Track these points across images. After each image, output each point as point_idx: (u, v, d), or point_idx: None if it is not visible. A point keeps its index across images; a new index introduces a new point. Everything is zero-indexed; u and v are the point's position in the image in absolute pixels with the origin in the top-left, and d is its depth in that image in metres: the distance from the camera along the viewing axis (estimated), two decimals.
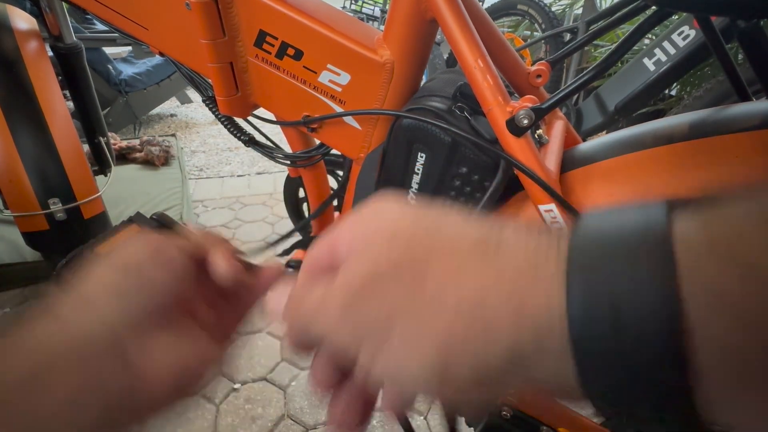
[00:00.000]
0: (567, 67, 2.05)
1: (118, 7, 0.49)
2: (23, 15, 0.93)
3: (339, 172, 0.78)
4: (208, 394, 1.08)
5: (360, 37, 0.43)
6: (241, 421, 1.02)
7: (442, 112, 0.40)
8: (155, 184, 1.80)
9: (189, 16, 0.43)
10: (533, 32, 2.50)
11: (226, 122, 0.57)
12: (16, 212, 0.88)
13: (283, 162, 0.58)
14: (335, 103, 0.45)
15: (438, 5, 0.38)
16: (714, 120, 0.40)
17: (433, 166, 0.42)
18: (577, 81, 0.43)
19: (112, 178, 1.08)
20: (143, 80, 2.55)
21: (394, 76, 0.43)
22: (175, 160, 2.02)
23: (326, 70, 0.43)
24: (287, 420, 1.03)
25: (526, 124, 0.37)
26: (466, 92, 0.41)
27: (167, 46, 0.49)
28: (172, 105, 3.21)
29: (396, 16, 0.41)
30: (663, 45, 1.30)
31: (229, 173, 2.26)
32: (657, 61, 1.31)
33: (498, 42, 0.49)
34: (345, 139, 0.48)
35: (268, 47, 0.44)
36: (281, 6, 0.42)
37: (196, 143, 2.65)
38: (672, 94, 1.99)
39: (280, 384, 1.12)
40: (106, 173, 1.11)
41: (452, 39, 0.38)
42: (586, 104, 1.54)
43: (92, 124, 1.07)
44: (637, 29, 0.43)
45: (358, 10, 4.30)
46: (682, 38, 1.26)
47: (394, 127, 0.43)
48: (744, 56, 0.41)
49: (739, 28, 0.39)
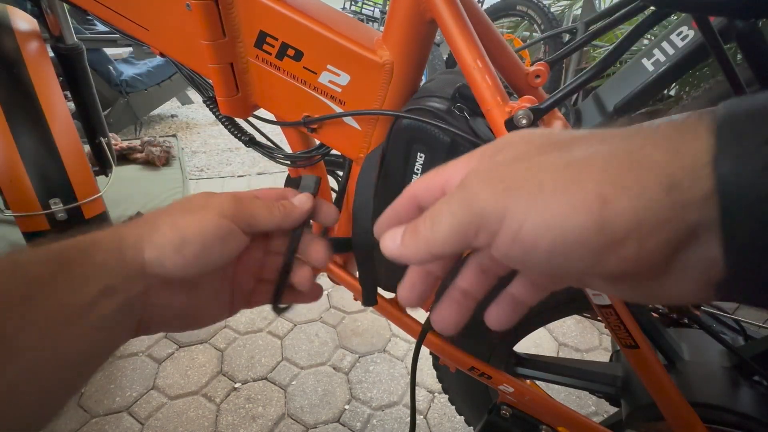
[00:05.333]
0: (566, 68, 2.06)
1: (118, 8, 0.49)
2: (24, 16, 0.93)
3: (339, 172, 0.78)
4: (208, 394, 1.08)
5: (360, 37, 0.43)
6: (241, 420, 1.02)
7: (442, 113, 0.40)
8: (156, 185, 1.80)
9: (189, 17, 0.43)
10: (532, 33, 2.50)
11: (226, 123, 0.57)
12: (16, 212, 0.88)
13: (284, 162, 0.58)
14: (335, 104, 0.45)
15: (437, 6, 0.38)
16: None
17: (432, 166, 0.42)
18: (576, 81, 0.43)
19: (113, 179, 1.08)
20: (144, 81, 2.55)
21: (393, 77, 0.43)
22: (176, 161, 2.02)
23: (326, 71, 0.44)
24: (287, 419, 1.03)
25: (524, 124, 0.37)
26: (465, 93, 0.41)
27: (168, 46, 0.50)
28: (173, 105, 3.22)
29: (395, 17, 0.41)
30: (662, 45, 1.30)
31: (230, 173, 2.26)
32: (656, 62, 1.31)
33: (497, 43, 0.49)
34: (345, 140, 0.48)
35: (269, 48, 0.44)
36: (281, 7, 0.42)
37: (197, 144, 2.65)
38: (671, 95, 1.99)
39: (280, 383, 1.12)
40: (107, 173, 1.11)
41: (451, 40, 0.39)
42: (585, 104, 1.54)
43: (93, 125, 1.07)
44: (636, 30, 0.43)
45: (357, 11, 4.30)
46: (681, 39, 1.26)
47: (394, 127, 0.43)
48: (742, 56, 0.41)
49: (737, 29, 0.39)
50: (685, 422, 0.47)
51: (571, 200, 0.15)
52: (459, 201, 0.18)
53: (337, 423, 1.03)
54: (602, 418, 0.71)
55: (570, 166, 0.16)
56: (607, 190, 0.14)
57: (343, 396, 1.09)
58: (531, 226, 0.15)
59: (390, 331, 1.28)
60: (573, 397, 1.11)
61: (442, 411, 1.07)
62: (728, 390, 0.52)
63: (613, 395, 0.62)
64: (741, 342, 0.62)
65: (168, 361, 1.16)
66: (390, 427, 1.03)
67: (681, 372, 0.55)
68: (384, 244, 0.21)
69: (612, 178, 0.15)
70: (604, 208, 0.14)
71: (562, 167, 0.16)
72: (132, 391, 1.07)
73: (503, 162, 0.18)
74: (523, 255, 0.16)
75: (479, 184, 0.17)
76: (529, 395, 0.59)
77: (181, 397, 1.07)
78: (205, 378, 1.12)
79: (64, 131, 0.91)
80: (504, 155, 0.19)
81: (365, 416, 1.05)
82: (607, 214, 0.14)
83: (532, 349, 1.25)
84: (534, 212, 0.15)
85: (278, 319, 1.31)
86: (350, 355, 1.21)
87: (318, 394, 1.09)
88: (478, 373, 0.58)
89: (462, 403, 0.81)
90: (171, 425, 0.99)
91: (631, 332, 0.44)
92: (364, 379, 1.14)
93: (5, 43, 0.86)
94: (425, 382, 1.13)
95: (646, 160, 0.14)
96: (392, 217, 0.23)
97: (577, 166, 0.16)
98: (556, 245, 0.15)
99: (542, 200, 0.15)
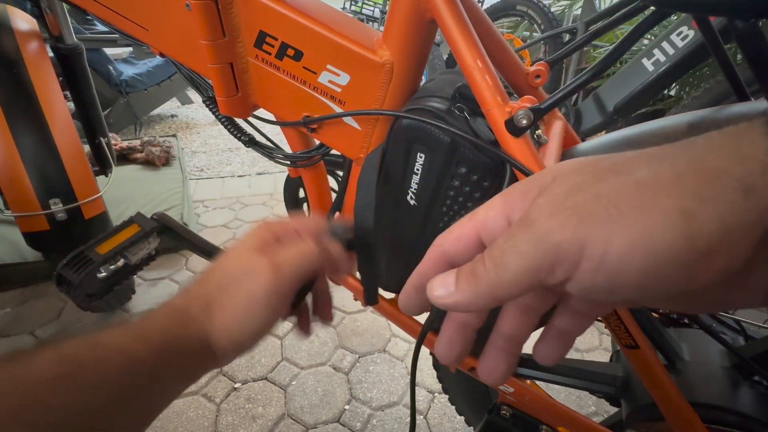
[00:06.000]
0: (566, 68, 2.06)
1: (118, 8, 0.49)
2: (24, 16, 0.93)
3: (339, 172, 0.78)
4: (208, 394, 1.08)
5: (359, 37, 0.43)
6: (241, 421, 1.02)
7: (441, 113, 0.40)
8: (156, 185, 1.80)
9: (189, 17, 0.43)
10: (532, 33, 2.50)
11: (226, 123, 0.57)
12: (16, 212, 0.88)
13: (283, 162, 0.58)
14: (335, 104, 0.45)
15: (437, 6, 0.38)
16: (712, 120, 0.40)
17: (432, 166, 0.42)
18: (576, 81, 0.43)
19: (113, 179, 1.08)
20: (144, 81, 2.56)
21: (393, 77, 0.43)
22: (176, 161, 2.03)
23: (326, 71, 0.44)
24: (287, 419, 1.03)
25: (524, 124, 0.37)
26: (465, 93, 0.41)
27: (167, 46, 0.49)
28: (173, 105, 3.22)
29: (395, 17, 0.41)
30: (662, 45, 1.30)
31: (230, 173, 2.26)
32: (656, 62, 1.31)
33: (497, 42, 0.49)
34: (345, 140, 0.48)
35: (268, 48, 0.44)
36: (281, 7, 0.42)
37: (197, 144, 2.65)
38: (671, 95, 1.99)
39: (280, 383, 1.12)
40: (106, 173, 1.11)
41: (451, 39, 0.39)
42: (585, 104, 1.54)
43: (93, 125, 1.07)
44: (636, 30, 0.43)
45: (357, 11, 4.31)
46: (681, 39, 1.26)
47: (394, 127, 0.43)
48: (742, 56, 0.41)
49: (738, 29, 0.39)
50: (685, 422, 0.47)
51: (654, 219, 0.15)
52: (527, 238, 0.17)
53: (337, 423, 1.03)
54: (602, 418, 0.71)
55: (640, 187, 0.15)
56: (687, 204, 0.14)
57: (343, 396, 1.09)
58: (617, 250, 0.15)
59: (390, 331, 1.28)
60: (573, 397, 1.11)
61: (442, 411, 1.07)
62: (728, 390, 0.52)
63: (613, 395, 0.62)
64: (741, 342, 0.61)
65: None
66: (390, 427, 1.03)
67: (681, 372, 0.55)
68: (433, 292, 0.19)
69: (688, 192, 0.14)
70: (689, 222, 0.14)
71: (632, 190, 0.15)
72: None
73: (563, 194, 0.17)
74: (611, 282, 0.16)
75: (547, 218, 0.17)
76: (529, 395, 0.59)
77: (181, 397, 1.07)
78: (205, 378, 1.12)
79: (64, 131, 0.91)
80: (559, 188, 0.18)
81: (365, 416, 1.05)
82: (695, 227, 0.14)
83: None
84: (617, 236, 0.15)
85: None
86: (350, 355, 1.21)
87: (318, 394, 1.09)
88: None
89: (462, 404, 0.81)
90: (171, 425, 0.99)
91: (631, 332, 0.44)
92: (364, 379, 1.14)
93: (5, 43, 0.86)
94: (425, 382, 1.13)
95: (714, 170, 0.14)
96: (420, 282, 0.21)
97: (648, 186, 0.15)
98: (648, 266, 0.15)
99: (623, 224, 0.15)
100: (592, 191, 0.16)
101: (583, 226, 0.16)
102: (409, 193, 0.45)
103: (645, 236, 0.15)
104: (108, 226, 1.04)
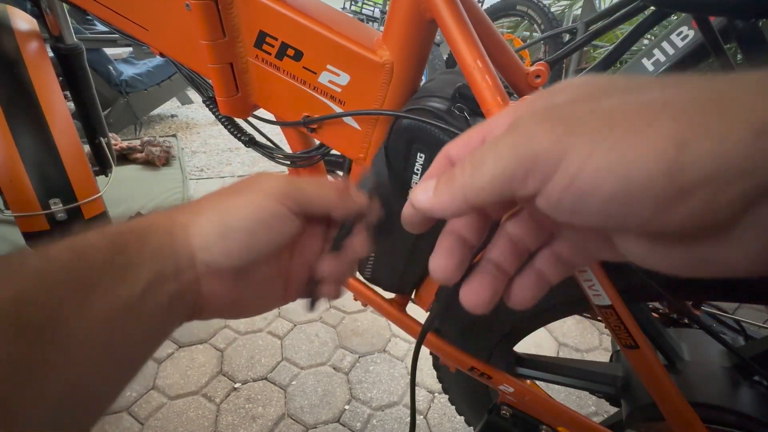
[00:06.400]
0: (566, 68, 2.06)
1: (118, 8, 0.49)
2: (24, 16, 0.93)
3: (339, 172, 0.78)
4: (208, 394, 1.08)
5: (359, 37, 0.43)
6: (241, 420, 1.02)
7: (442, 113, 0.40)
8: (156, 185, 1.80)
9: (189, 17, 0.43)
10: (532, 33, 2.50)
11: (226, 123, 0.57)
12: (16, 212, 0.88)
13: (283, 162, 0.58)
14: (335, 104, 0.45)
15: (437, 6, 0.38)
16: None
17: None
18: None
19: (113, 179, 1.08)
20: (144, 81, 2.56)
21: (393, 77, 0.43)
22: (176, 161, 2.02)
23: (326, 71, 0.44)
24: (287, 419, 1.03)
25: None
26: (465, 93, 0.41)
27: (167, 46, 0.49)
28: (173, 105, 3.22)
29: (395, 17, 0.41)
30: (662, 45, 1.30)
31: (230, 173, 2.26)
32: (656, 62, 1.31)
33: (497, 42, 0.49)
34: (344, 140, 0.48)
35: (268, 48, 0.44)
36: (281, 7, 0.42)
37: (197, 144, 2.65)
38: None
39: (280, 383, 1.12)
40: (106, 173, 1.11)
41: (451, 39, 0.39)
42: None
43: (93, 125, 1.07)
44: (636, 29, 0.43)
45: (357, 11, 4.30)
46: (681, 39, 1.26)
47: (394, 127, 0.43)
48: (742, 56, 0.41)
49: (738, 29, 0.39)
50: (685, 422, 0.47)
51: (643, 142, 0.13)
52: (508, 143, 0.16)
53: (337, 423, 1.03)
54: (602, 418, 0.71)
55: (644, 107, 0.14)
56: (685, 132, 0.13)
57: (343, 396, 1.09)
58: (592, 170, 0.14)
59: (390, 331, 1.28)
60: (573, 397, 1.11)
61: (442, 411, 1.07)
62: (728, 390, 0.52)
63: (613, 395, 0.62)
64: (741, 342, 0.62)
65: (168, 361, 1.16)
66: (390, 427, 1.03)
67: (681, 372, 0.55)
68: (414, 196, 0.19)
69: (692, 119, 0.13)
70: (680, 152, 0.13)
71: (634, 109, 0.14)
72: (132, 391, 1.07)
73: (563, 103, 0.16)
74: (576, 203, 0.15)
75: (534, 124, 0.15)
76: (529, 395, 0.59)
77: (181, 397, 1.07)
78: (205, 378, 1.12)
79: (64, 131, 0.91)
80: (563, 97, 0.17)
81: (365, 416, 1.05)
82: (683, 159, 0.13)
83: (532, 349, 1.25)
84: (598, 155, 0.14)
85: (278, 319, 1.31)
86: (350, 355, 1.21)
87: (318, 394, 1.09)
88: (478, 374, 0.58)
89: (462, 404, 0.81)
90: (171, 425, 0.99)
91: (631, 332, 0.44)
92: (364, 379, 1.14)
93: (5, 43, 0.86)
94: (425, 382, 1.13)
95: (734, 102, 0.13)
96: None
97: (652, 108, 0.14)
98: (617, 192, 0.14)
99: (610, 142, 0.14)
100: (592, 104, 0.15)
101: (568, 136, 0.14)
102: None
103: (625, 159, 0.13)
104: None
